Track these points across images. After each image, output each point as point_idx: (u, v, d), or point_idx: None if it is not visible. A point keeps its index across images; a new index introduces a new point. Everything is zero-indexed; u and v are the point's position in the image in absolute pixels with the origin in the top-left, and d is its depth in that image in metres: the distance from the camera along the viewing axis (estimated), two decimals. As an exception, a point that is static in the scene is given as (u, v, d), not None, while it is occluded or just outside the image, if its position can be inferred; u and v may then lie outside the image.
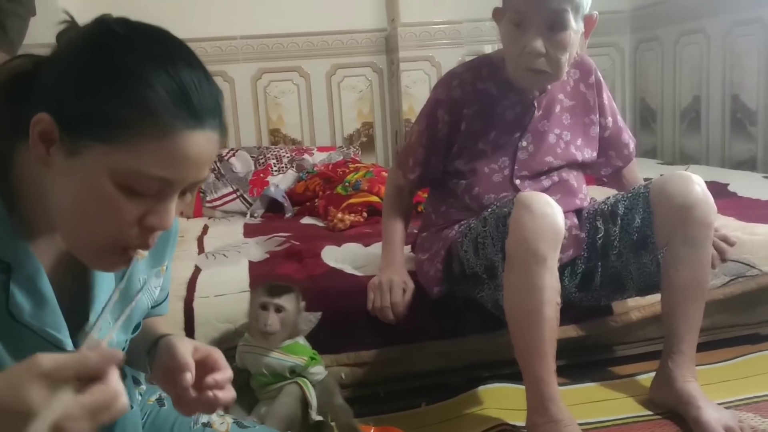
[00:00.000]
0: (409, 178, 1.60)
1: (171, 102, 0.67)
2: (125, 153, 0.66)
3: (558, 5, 1.32)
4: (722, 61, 2.87)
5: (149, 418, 1.05)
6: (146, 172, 0.67)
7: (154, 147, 0.67)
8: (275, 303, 1.34)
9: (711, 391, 1.44)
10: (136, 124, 0.66)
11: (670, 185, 1.40)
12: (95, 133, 0.66)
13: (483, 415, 1.44)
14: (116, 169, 0.67)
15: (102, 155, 0.66)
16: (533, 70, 1.39)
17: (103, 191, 0.67)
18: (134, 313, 0.87)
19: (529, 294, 1.23)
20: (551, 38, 1.35)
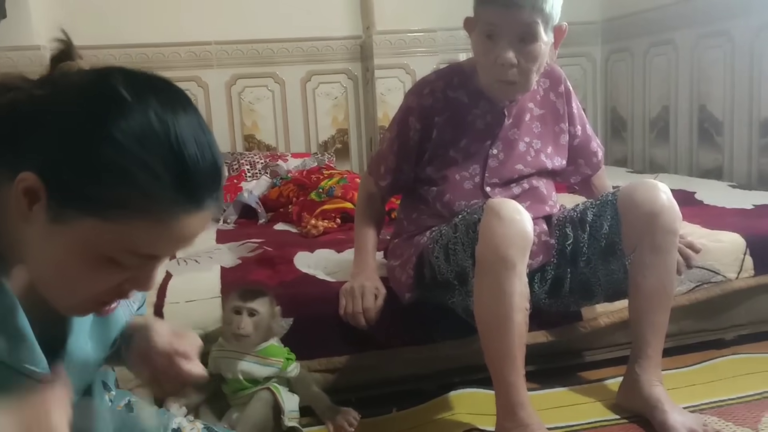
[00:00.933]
0: (381, 185, 1.61)
1: (173, 188, 0.65)
2: (116, 231, 0.65)
3: (529, 18, 1.34)
4: (690, 72, 2.94)
5: (119, 424, 1.04)
6: (136, 251, 0.66)
7: (148, 229, 0.65)
8: (248, 307, 1.35)
9: (677, 395, 1.46)
10: (133, 209, 0.64)
11: (636, 193, 1.43)
12: (87, 209, 0.64)
13: (453, 420, 1.44)
14: (103, 245, 0.65)
15: (90, 229, 0.64)
16: (505, 81, 1.41)
17: (84, 261, 0.66)
18: (111, 328, 0.86)
19: (499, 300, 1.24)
20: (522, 50, 1.37)
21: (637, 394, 1.42)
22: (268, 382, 1.38)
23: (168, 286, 1.62)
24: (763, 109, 2.56)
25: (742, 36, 2.62)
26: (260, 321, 1.36)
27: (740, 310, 1.79)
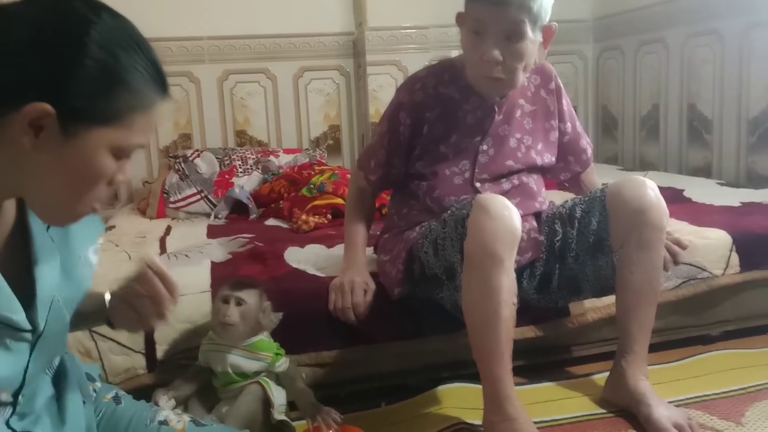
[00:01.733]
0: (371, 180, 1.62)
1: (151, 80, 0.77)
2: (122, 130, 0.76)
3: (515, 16, 1.34)
4: (680, 71, 2.96)
5: (105, 416, 1.05)
6: (135, 142, 0.78)
7: (140, 120, 0.77)
8: (236, 296, 1.35)
9: (662, 389, 1.48)
10: (130, 106, 0.76)
11: (624, 190, 1.44)
12: (95, 118, 0.74)
13: (441, 414, 1.45)
14: (114, 145, 0.76)
15: (98, 137, 0.75)
16: (490, 78, 1.42)
17: (102, 164, 0.76)
18: (79, 290, 0.90)
19: (486, 295, 1.25)
20: (508, 47, 1.37)
21: (623, 388, 1.44)
22: (258, 377, 1.39)
23: (158, 280, 1.62)
24: (752, 108, 2.58)
25: (732, 35, 2.64)
26: (247, 311, 1.36)
27: (726, 306, 1.81)
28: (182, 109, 3.21)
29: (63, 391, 0.92)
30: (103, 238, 0.98)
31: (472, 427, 1.38)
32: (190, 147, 3.15)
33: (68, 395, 0.92)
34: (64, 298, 0.86)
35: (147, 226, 2.44)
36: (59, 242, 0.87)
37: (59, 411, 0.91)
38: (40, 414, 0.88)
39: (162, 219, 2.61)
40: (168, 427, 1.06)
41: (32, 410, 0.86)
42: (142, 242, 2.14)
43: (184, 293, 1.53)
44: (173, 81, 3.41)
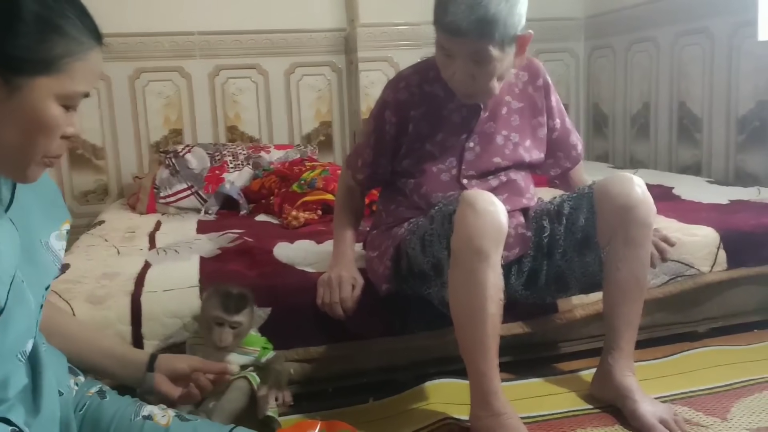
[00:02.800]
0: (358, 179, 1.62)
1: (83, 26, 0.81)
2: (64, 78, 0.79)
3: (476, 46, 1.33)
4: (670, 69, 2.97)
5: (89, 410, 1.05)
6: (79, 90, 0.81)
7: (80, 67, 0.80)
8: (231, 321, 1.31)
9: (648, 385, 1.49)
10: (68, 53, 0.79)
11: (612, 186, 1.45)
12: (36, 68, 0.77)
13: (428, 410, 1.46)
14: (60, 93, 0.79)
15: (44, 84, 0.78)
16: (464, 93, 1.44)
17: (50, 114, 0.79)
18: (44, 274, 0.92)
19: (473, 291, 1.26)
20: (476, 69, 1.37)
21: (609, 384, 1.45)
22: (245, 371, 1.38)
23: (146, 275, 1.62)
24: (741, 107, 2.60)
25: (721, 34, 2.66)
26: (241, 331, 1.33)
27: (713, 303, 1.82)
28: (173, 105, 3.20)
29: (38, 381, 0.92)
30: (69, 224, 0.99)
31: (459, 422, 1.39)
32: (181, 142, 3.14)
33: (43, 385, 0.92)
34: (29, 282, 0.87)
35: (137, 222, 2.43)
36: (20, 225, 0.88)
37: (34, 400, 0.91)
38: (14, 402, 0.88)
39: (152, 214, 2.60)
40: (153, 422, 1.06)
41: (6, 397, 0.86)
42: (131, 237, 2.14)
43: (172, 288, 1.54)
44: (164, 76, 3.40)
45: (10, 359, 0.86)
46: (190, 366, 1.19)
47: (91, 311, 1.45)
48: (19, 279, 0.85)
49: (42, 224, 0.93)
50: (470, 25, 1.30)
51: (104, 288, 1.55)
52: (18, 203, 0.88)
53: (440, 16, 1.34)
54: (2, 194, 0.86)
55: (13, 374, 0.88)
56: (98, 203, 3.14)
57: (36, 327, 0.92)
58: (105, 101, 3.11)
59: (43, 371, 0.94)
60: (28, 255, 0.88)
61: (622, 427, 1.38)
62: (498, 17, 1.30)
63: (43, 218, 0.93)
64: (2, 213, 0.85)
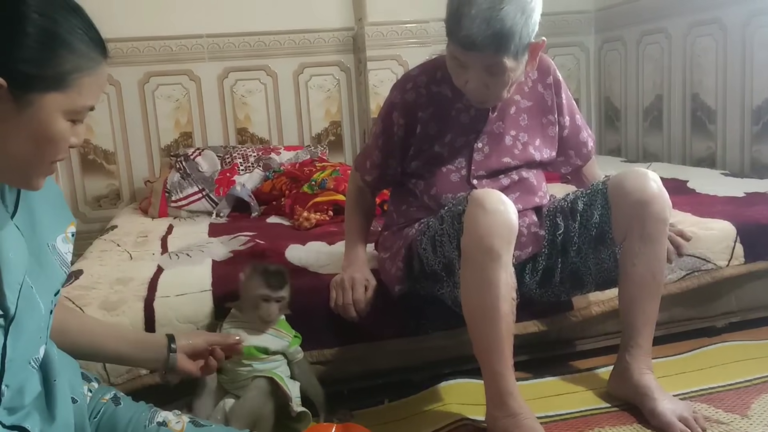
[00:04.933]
0: (367, 181, 1.61)
1: (91, 41, 0.81)
2: (74, 94, 0.79)
3: (491, 59, 1.31)
4: (682, 61, 2.93)
5: (103, 416, 1.05)
6: (86, 105, 0.82)
7: (89, 82, 0.81)
8: (277, 296, 1.38)
9: (667, 383, 1.47)
10: (77, 68, 0.79)
11: (626, 181, 1.43)
12: (45, 84, 0.77)
13: (444, 411, 1.45)
14: (69, 109, 0.80)
15: (54, 101, 0.78)
16: (476, 101, 1.43)
17: (59, 129, 0.80)
18: (52, 279, 0.92)
19: (485, 291, 1.24)
20: (489, 79, 1.35)
21: (627, 382, 1.43)
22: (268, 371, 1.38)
23: (159, 280, 1.62)
24: (756, 97, 2.56)
25: (734, 24, 2.62)
26: (284, 305, 1.41)
27: (730, 297, 1.80)
28: (183, 108, 3.20)
29: (51, 389, 0.92)
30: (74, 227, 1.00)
31: (475, 423, 1.38)
32: (191, 145, 3.15)
33: (57, 392, 0.92)
34: (38, 287, 0.87)
35: (149, 226, 2.44)
36: (26, 231, 0.88)
37: (48, 408, 0.91)
38: (30, 410, 0.88)
39: (164, 218, 2.61)
40: (167, 428, 1.06)
41: (22, 405, 0.86)
42: (143, 242, 2.14)
43: (185, 293, 1.54)
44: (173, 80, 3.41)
45: (23, 366, 0.86)
46: (206, 341, 1.22)
47: (104, 317, 1.45)
48: (28, 285, 0.85)
49: (48, 228, 0.93)
50: (486, 40, 1.28)
51: (117, 294, 1.55)
52: (23, 209, 0.88)
53: (454, 29, 1.32)
54: (7, 201, 0.86)
55: (28, 381, 0.88)
56: (111, 208, 3.15)
57: (47, 333, 0.92)
58: (115, 106, 3.12)
59: (56, 378, 0.93)
60: (36, 260, 0.88)
61: (640, 425, 1.36)
62: (514, 30, 1.28)
63: (49, 222, 0.93)
64: (8, 220, 0.85)
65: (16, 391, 0.85)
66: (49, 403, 0.92)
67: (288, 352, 1.42)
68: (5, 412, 0.84)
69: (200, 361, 1.21)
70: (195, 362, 1.20)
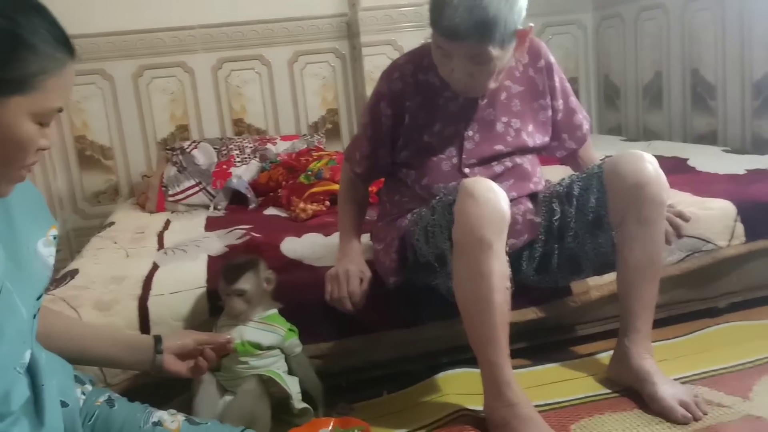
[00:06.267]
0: (357, 172, 1.59)
1: (56, 41, 0.78)
2: (38, 95, 0.77)
3: (475, 49, 1.28)
4: (681, 36, 2.89)
5: (98, 419, 1.04)
6: (53, 106, 0.80)
7: (55, 84, 0.78)
8: (234, 290, 1.37)
9: (667, 366, 1.46)
10: (42, 70, 0.77)
11: (621, 165, 1.40)
12: (9, 88, 0.75)
13: (443, 402, 1.44)
14: (35, 112, 0.78)
15: (19, 104, 0.76)
16: (461, 91, 1.40)
17: (25, 132, 0.78)
18: (34, 282, 0.91)
19: (477, 281, 1.23)
20: (476, 69, 1.32)
21: (626, 367, 1.41)
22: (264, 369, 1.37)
23: (154, 277, 1.61)
24: (756, 71, 2.52)
25: (732, -3, 2.57)
26: (250, 296, 1.38)
27: (732, 277, 1.78)
28: (178, 101, 3.18)
29: (39, 394, 0.91)
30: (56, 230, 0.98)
31: (474, 413, 1.37)
32: (188, 138, 3.13)
33: (45, 397, 0.91)
34: (19, 292, 0.85)
35: (146, 221, 2.42)
36: (4, 235, 0.86)
37: (36, 413, 0.90)
38: (18, 416, 0.87)
39: (161, 213, 2.59)
40: (162, 428, 1.05)
41: (9, 412, 0.85)
42: (140, 238, 2.13)
43: (180, 290, 1.53)
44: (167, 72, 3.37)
45: (8, 372, 0.85)
46: (195, 340, 1.21)
47: (98, 318, 1.44)
48: (8, 290, 0.83)
49: (28, 232, 0.91)
50: (469, 29, 1.25)
51: (111, 293, 1.54)
52: (0, 213, 0.87)
53: (436, 18, 1.29)
54: None
55: (14, 387, 0.87)
56: (110, 203, 3.14)
57: (31, 337, 0.91)
58: (110, 100, 3.10)
59: (44, 383, 0.93)
60: (16, 264, 0.86)
61: (641, 410, 1.35)
62: (498, 18, 1.25)
63: (29, 226, 0.92)
64: None
65: (1, 399, 0.84)
66: (37, 408, 0.91)
67: (284, 346, 1.41)
68: None
69: (190, 361, 1.20)
70: (184, 363, 1.19)
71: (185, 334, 1.24)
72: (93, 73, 3.03)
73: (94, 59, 2.99)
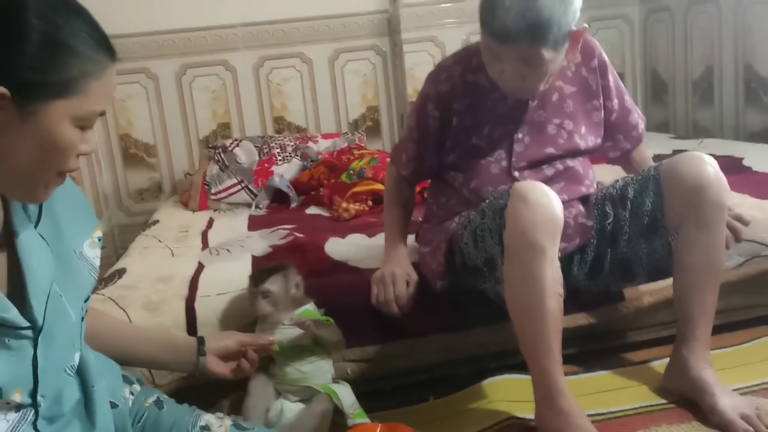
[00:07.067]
0: (403, 174, 1.56)
1: (97, 44, 0.77)
2: (80, 100, 0.76)
3: (527, 51, 1.24)
4: (734, 30, 2.79)
5: (147, 421, 1.04)
6: (96, 110, 0.78)
7: (95, 86, 0.77)
8: (260, 290, 1.37)
9: (726, 376, 1.40)
10: (83, 73, 0.75)
11: (681, 166, 1.35)
12: (50, 92, 0.74)
13: (491, 409, 1.41)
14: (76, 116, 0.76)
15: (61, 108, 0.75)
16: (510, 93, 1.37)
17: (67, 137, 0.76)
18: (81, 285, 0.90)
19: (530, 287, 1.19)
20: (528, 71, 1.28)
21: (684, 377, 1.36)
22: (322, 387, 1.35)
23: (200, 278, 1.61)
24: (815, 66, 2.41)
25: (791, -12, 2.47)
26: (277, 298, 1.37)
27: (793, 283, 1.70)
28: (220, 99, 3.20)
29: (90, 394, 0.91)
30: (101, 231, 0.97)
31: (524, 422, 1.33)
32: (230, 136, 3.15)
33: (96, 398, 0.91)
34: (67, 294, 0.85)
35: (189, 220, 2.44)
36: (51, 239, 0.86)
37: (88, 415, 0.90)
38: (70, 418, 0.87)
39: (204, 211, 2.61)
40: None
41: (61, 413, 0.85)
42: (184, 237, 2.14)
43: (226, 292, 1.53)
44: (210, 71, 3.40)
45: (59, 375, 0.86)
46: (237, 342, 1.19)
47: (146, 318, 1.45)
48: (57, 293, 0.84)
49: (74, 234, 0.91)
50: (521, 32, 1.21)
51: (159, 293, 1.54)
52: (47, 217, 0.87)
53: (487, 20, 1.25)
54: (30, 210, 0.84)
55: (65, 389, 0.87)
56: (153, 200, 3.18)
57: (80, 339, 0.91)
58: (154, 99, 3.14)
59: (94, 384, 0.93)
60: (63, 268, 0.86)
61: (699, 423, 1.30)
62: (552, 20, 1.21)
63: (75, 228, 0.91)
64: (32, 229, 0.84)
65: (53, 401, 0.85)
66: (88, 410, 0.91)
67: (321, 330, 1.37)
68: (45, 422, 0.84)
69: (233, 363, 1.19)
70: (227, 364, 1.18)
71: (227, 336, 1.22)
72: (137, 72, 3.07)
73: (138, 58, 3.03)
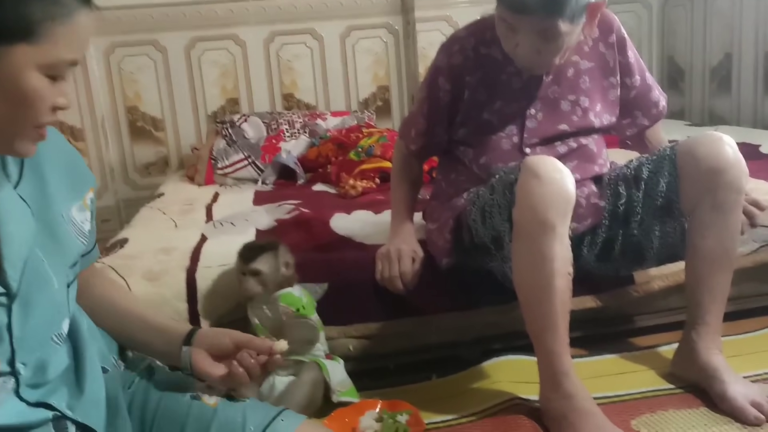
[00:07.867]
0: (412, 149, 1.53)
1: None
2: (45, 45, 0.72)
3: (544, 23, 1.21)
4: (755, 17, 2.72)
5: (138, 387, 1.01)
6: (63, 58, 0.74)
7: (62, 31, 0.73)
8: (249, 269, 1.34)
9: (737, 363, 1.37)
10: (47, 16, 0.71)
11: (699, 147, 1.31)
12: (12, 35, 0.70)
13: (495, 389, 1.38)
14: (43, 63, 0.72)
15: (23, 53, 0.71)
16: (525, 67, 1.33)
17: (32, 85, 0.72)
18: (67, 250, 0.87)
19: (538, 265, 1.16)
20: (544, 45, 1.25)
21: (693, 363, 1.33)
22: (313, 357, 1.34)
23: (202, 249, 1.59)
24: (838, 54, 2.35)
25: (817, -27, 2.40)
26: (266, 278, 1.34)
27: (808, 271, 1.66)
28: (229, 73, 3.16)
29: (81, 361, 0.88)
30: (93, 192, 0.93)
31: (528, 403, 1.31)
32: (238, 111, 3.11)
33: (86, 365, 0.88)
34: (51, 259, 0.82)
35: (195, 194, 2.42)
36: (34, 201, 0.82)
37: (77, 381, 0.87)
38: (57, 385, 0.84)
39: (210, 185, 2.59)
40: (200, 402, 1.01)
41: (45, 380, 0.83)
42: (189, 210, 2.12)
43: (228, 264, 1.50)
44: (219, 45, 3.35)
45: (43, 343, 0.83)
46: (234, 341, 0.97)
47: (147, 288, 1.43)
48: (39, 259, 0.80)
49: (62, 196, 0.87)
50: (537, 3, 1.18)
51: (160, 263, 1.52)
52: (30, 178, 0.82)
53: None
54: (9, 170, 0.80)
55: (51, 357, 0.84)
56: (159, 175, 3.15)
57: (68, 307, 0.87)
58: (162, 72, 3.10)
59: (85, 350, 0.90)
60: (48, 231, 0.83)
61: (707, 408, 1.27)
62: None
63: (64, 190, 0.87)
64: (10, 190, 0.79)
65: (37, 368, 0.82)
66: (78, 376, 0.88)
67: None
68: (28, 389, 0.81)
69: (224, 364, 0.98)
70: (219, 365, 0.97)
71: (225, 333, 1.00)
72: (146, 44, 3.04)
73: (147, 30, 3.00)
